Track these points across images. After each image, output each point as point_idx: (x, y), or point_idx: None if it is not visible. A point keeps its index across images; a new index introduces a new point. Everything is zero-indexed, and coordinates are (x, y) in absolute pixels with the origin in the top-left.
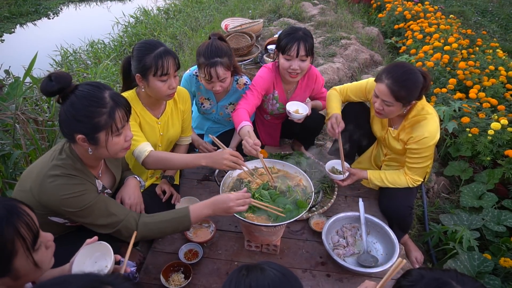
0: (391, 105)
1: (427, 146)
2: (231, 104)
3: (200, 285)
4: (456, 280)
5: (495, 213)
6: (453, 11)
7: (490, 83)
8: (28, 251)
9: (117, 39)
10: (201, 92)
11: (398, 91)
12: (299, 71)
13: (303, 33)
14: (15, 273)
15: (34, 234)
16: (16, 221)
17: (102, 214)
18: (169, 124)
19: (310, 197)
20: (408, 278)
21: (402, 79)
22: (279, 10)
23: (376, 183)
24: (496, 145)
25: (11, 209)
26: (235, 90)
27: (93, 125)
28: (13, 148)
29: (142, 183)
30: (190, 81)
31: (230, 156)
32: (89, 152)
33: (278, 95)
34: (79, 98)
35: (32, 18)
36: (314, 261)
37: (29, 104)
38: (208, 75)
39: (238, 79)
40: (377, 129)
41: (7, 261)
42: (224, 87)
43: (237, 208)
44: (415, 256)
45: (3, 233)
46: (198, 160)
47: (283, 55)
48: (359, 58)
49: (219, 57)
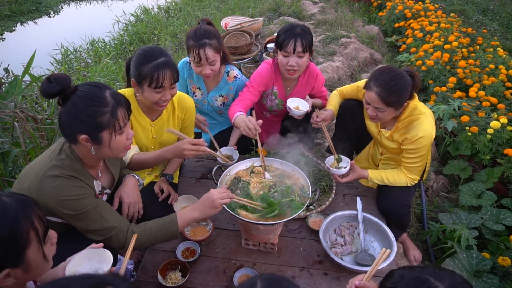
0: (384, 111)
1: (423, 146)
2: (221, 96)
3: (198, 283)
4: (434, 276)
5: (494, 212)
6: (454, 10)
7: (490, 81)
8: (40, 244)
9: (117, 37)
10: (193, 80)
11: (388, 97)
12: (297, 67)
13: (301, 29)
14: (26, 264)
15: (45, 227)
16: (31, 213)
17: (96, 220)
18: (164, 128)
19: (307, 195)
20: (389, 279)
21: (391, 84)
22: (279, 8)
23: (377, 183)
24: (495, 144)
25: (26, 203)
26: (226, 82)
27: (96, 124)
28: (12, 146)
29: (140, 182)
30: (183, 68)
31: (190, 145)
32: (91, 152)
33: (277, 91)
34: (80, 98)
35: (33, 17)
36: (312, 259)
37: (28, 102)
38: (197, 57)
39: (229, 71)
40: (371, 128)
41: (21, 251)
42: (214, 70)
43: (221, 200)
44: (413, 255)
45: (20, 225)
46: (163, 154)
47: (281, 52)
48: (359, 57)
49: (208, 39)
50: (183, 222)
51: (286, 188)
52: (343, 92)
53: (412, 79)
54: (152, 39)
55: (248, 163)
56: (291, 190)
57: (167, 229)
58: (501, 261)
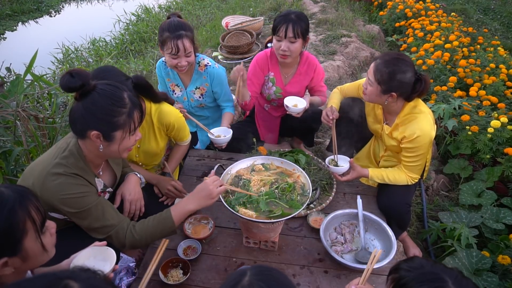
0: (371, 85)
1: (421, 144)
2: (197, 88)
3: (199, 281)
4: (454, 280)
5: (494, 211)
6: (455, 9)
7: (490, 81)
8: (37, 233)
9: (118, 37)
10: (170, 78)
11: (381, 72)
12: (288, 52)
13: (296, 16)
14: (24, 253)
15: (42, 218)
16: (28, 203)
17: (99, 218)
18: (146, 140)
19: (308, 194)
20: (409, 263)
21: (391, 63)
22: (280, 8)
23: (378, 181)
24: (496, 143)
25: (23, 193)
26: (199, 73)
27: (112, 123)
28: (14, 145)
29: (142, 180)
30: (159, 68)
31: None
32: (99, 149)
33: (274, 78)
34: (101, 96)
35: (34, 16)
36: (312, 257)
37: (30, 101)
38: (175, 48)
39: (199, 61)
40: (371, 123)
41: (18, 240)
42: (189, 61)
43: (217, 189)
44: (413, 253)
45: (17, 214)
46: (150, 181)
47: (274, 36)
48: (359, 56)
49: (184, 30)
50: (179, 217)
51: (288, 187)
52: (344, 90)
53: (418, 82)
54: (153, 38)
55: (249, 162)
56: (292, 188)
57: (164, 226)
58: (501, 260)
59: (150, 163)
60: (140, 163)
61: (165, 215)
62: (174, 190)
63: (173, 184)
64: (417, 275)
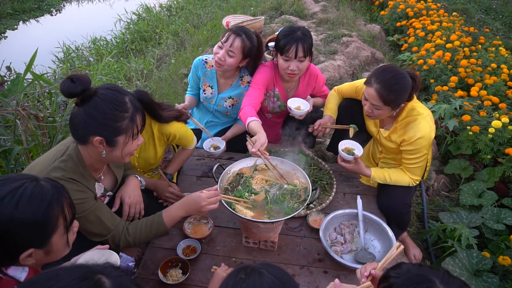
0: (380, 108)
1: (422, 146)
2: (231, 98)
3: (198, 280)
4: (440, 280)
5: (494, 211)
6: (457, 9)
7: (491, 81)
8: (65, 230)
9: (119, 36)
10: (206, 78)
11: (387, 95)
12: (297, 71)
13: (302, 33)
14: (49, 247)
15: (73, 215)
16: (63, 200)
17: (95, 223)
18: (145, 148)
19: (307, 194)
20: (396, 269)
21: (391, 83)
22: (280, 7)
23: (380, 182)
24: (496, 143)
25: (60, 190)
26: (238, 86)
27: (115, 128)
28: (14, 144)
29: (142, 182)
30: (197, 66)
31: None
32: (102, 155)
33: (279, 93)
34: (103, 101)
35: (35, 15)
36: (312, 257)
37: (30, 100)
38: (226, 38)
39: (243, 76)
40: (370, 126)
41: (49, 234)
42: (227, 61)
43: (209, 206)
44: (413, 254)
45: (54, 209)
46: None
47: (282, 56)
48: (360, 56)
49: (246, 35)
50: (171, 222)
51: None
52: (341, 91)
53: (413, 81)
54: (154, 37)
55: (251, 161)
56: (295, 191)
57: (157, 230)
58: (501, 261)
59: (147, 168)
60: (139, 168)
61: (157, 219)
62: (172, 196)
63: (171, 190)
64: (405, 279)
